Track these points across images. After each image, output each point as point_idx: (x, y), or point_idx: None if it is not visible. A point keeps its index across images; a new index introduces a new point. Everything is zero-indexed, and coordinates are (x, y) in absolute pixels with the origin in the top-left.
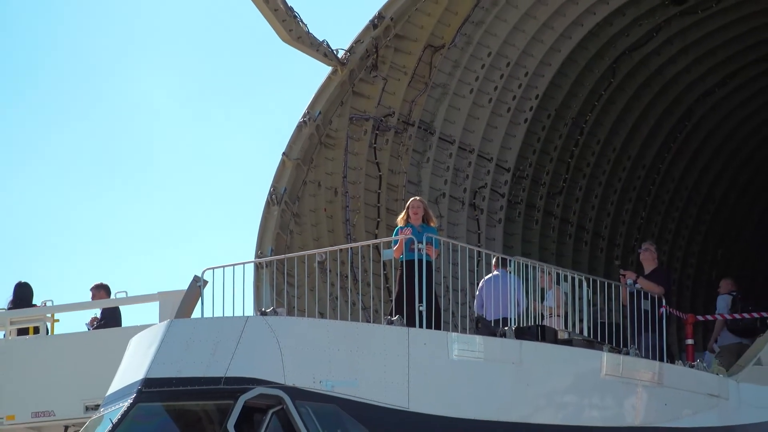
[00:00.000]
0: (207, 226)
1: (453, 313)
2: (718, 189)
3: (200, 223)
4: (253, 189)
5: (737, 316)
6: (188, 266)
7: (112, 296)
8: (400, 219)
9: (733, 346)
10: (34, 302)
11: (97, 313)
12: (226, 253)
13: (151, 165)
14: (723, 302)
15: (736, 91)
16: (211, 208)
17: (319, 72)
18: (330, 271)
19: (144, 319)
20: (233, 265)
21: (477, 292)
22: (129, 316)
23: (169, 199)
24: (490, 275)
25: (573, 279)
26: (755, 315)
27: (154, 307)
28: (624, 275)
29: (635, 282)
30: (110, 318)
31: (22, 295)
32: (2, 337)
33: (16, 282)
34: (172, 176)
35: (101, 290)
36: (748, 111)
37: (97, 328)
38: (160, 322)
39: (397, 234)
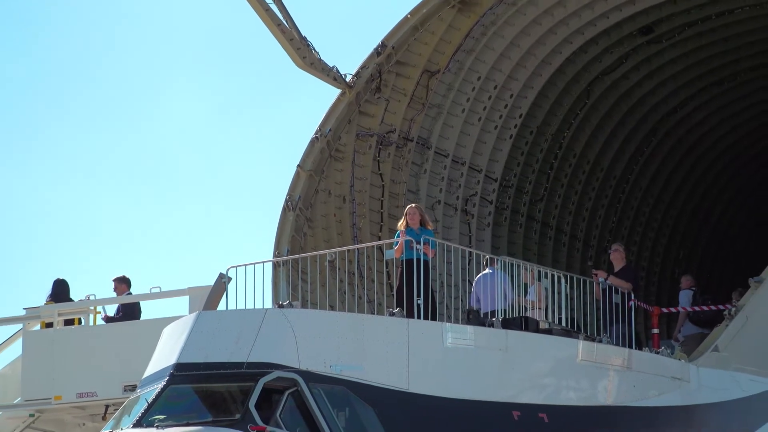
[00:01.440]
0: (230, 229)
1: (447, 306)
2: (680, 197)
3: (224, 226)
4: (272, 197)
5: (699, 308)
6: (214, 265)
7: (148, 291)
8: (401, 223)
9: (696, 335)
10: (70, 296)
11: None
12: (247, 253)
13: (181, 174)
14: (685, 297)
15: (695, 111)
16: (234, 213)
17: (329, 93)
18: (339, 268)
19: (174, 311)
20: (254, 263)
21: (473, 288)
22: (162, 308)
23: (197, 204)
24: (481, 274)
25: (552, 276)
26: (713, 308)
27: (184, 300)
28: (596, 274)
29: (606, 280)
30: (131, 310)
31: (60, 290)
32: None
33: (55, 279)
34: (200, 185)
35: (123, 283)
36: (706, 128)
37: (113, 319)
38: (189, 314)
39: (398, 237)
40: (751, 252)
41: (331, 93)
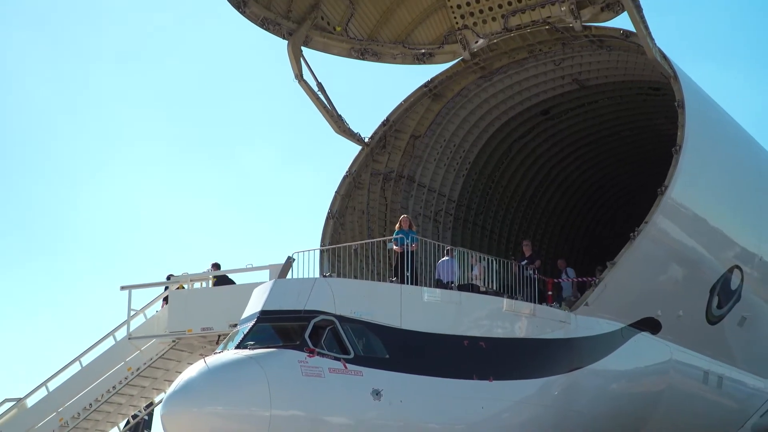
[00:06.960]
0: (295, 228)
1: (424, 277)
2: (565, 213)
3: (291, 226)
4: (319, 210)
5: (575, 279)
6: (284, 250)
7: (244, 266)
8: (398, 226)
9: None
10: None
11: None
12: (304, 243)
13: (264, 197)
14: (571, 273)
15: (575, 162)
16: (298, 220)
17: (354, 149)
18: (360, 254)
19: (260, 279)
20: (309, 250)
21: (437, 268)
22: (252, 277)
23: (273, 214)
24: (441, 260)
25: (488, 259)
26: (581, 279)
27: (266, 272)
28: (516, 261)
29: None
30: (223, 280)
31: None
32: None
33: (167, 274)
34: (276, 203)
35: (215, 267)
36: (580, 171)
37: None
38: (269, 280)
39: (396, 235)
40: (609, 245)
41: (355, 148)
